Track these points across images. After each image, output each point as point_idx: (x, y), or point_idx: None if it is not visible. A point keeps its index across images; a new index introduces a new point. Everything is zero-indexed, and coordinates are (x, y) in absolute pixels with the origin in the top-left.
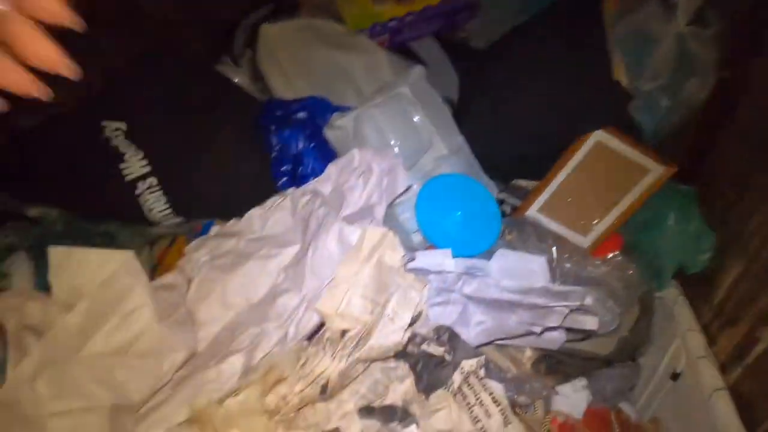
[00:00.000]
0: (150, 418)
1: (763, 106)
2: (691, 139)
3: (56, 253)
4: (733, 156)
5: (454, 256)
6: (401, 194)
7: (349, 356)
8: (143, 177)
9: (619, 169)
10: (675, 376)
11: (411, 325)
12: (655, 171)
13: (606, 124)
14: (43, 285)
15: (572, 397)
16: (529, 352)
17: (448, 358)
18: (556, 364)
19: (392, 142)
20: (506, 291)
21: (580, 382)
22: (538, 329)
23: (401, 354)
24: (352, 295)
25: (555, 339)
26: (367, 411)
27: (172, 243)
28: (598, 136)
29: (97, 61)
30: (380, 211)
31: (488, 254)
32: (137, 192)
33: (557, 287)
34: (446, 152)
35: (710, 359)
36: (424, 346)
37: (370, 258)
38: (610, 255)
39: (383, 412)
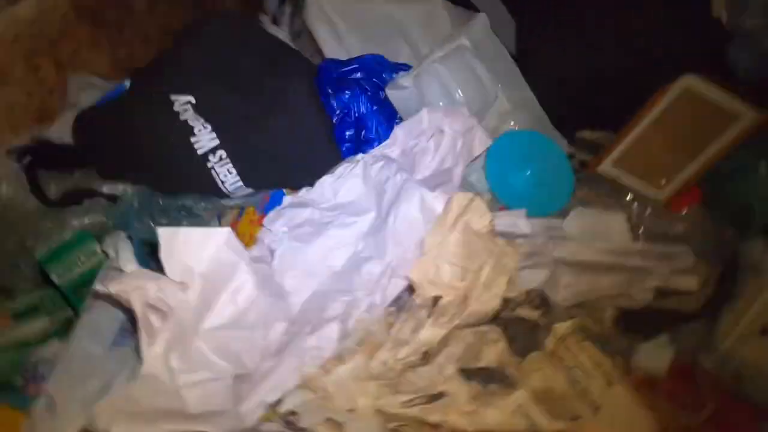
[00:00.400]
0: (265, 385)
1: None
2: None
3: (165, 233)
4: None
5: (529, 215)
6: (478, 156)
7: (448, 323)
8: (213, 150)
9: (706, 117)
10: (765, 332)
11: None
12: (746, 117)
13: (698, 68)
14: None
15: (654, 354)
16: (610, 310)
17: (541, 322)
18: (639, 322)
19: (458, 98)
20: (603, 253)
21: (663, 338)
22: (635, 292)
23: (493, 318)
24: (442, 262)
25: (640, 297)
26: (465, 372)
27: (241, 214)
28: (688, 81)
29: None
30: (458, 175)
31: (562, 213)
32: (209, 165)
33: (659, 247)
34: (512, 107)
35: None
36: (518, 311)
37: (457, 224)
38: (687, 208)
39: (480, 374)
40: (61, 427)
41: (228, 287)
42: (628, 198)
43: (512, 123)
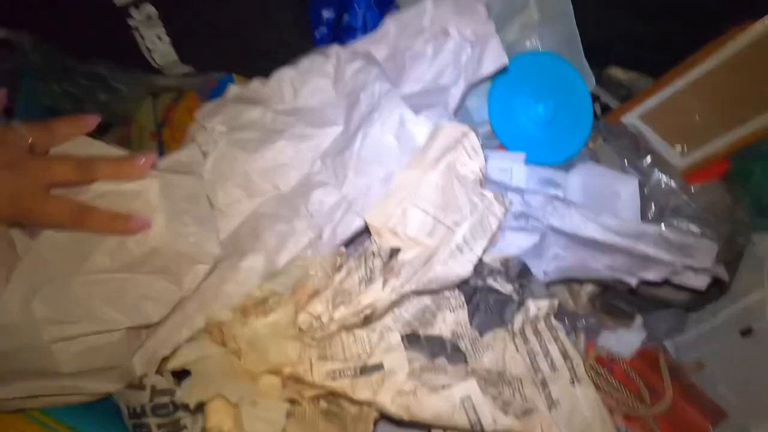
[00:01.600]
0: (164, 328)
1: None
2: None
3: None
4: None
5: (528, 162)
6: (486, 78)
7: (402, 287)
8: (137, 3)
9: None
10: (747, 333)
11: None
12: None
13: None
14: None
15: (625, 336)
16: (589, 287)
17: (515, 297)
18: (617, 303)
19: None
20: (610, 232)
21: (637, 321)
22: (633, 280)
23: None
24: (412, 207)
25: (634, 282)
26: (412, 339)
27: (178, 98)
28: None
29: None
30: (455, 97)
31: (567, 165)
32: (132, 24)
33: (677, 236)
34: (540, 18)
35: None
36: (490, 280)
37: (440, 162)
38: (705, 183)
39: (430, 343)
40: None
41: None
42: (647, 161)
43: (536, 41)
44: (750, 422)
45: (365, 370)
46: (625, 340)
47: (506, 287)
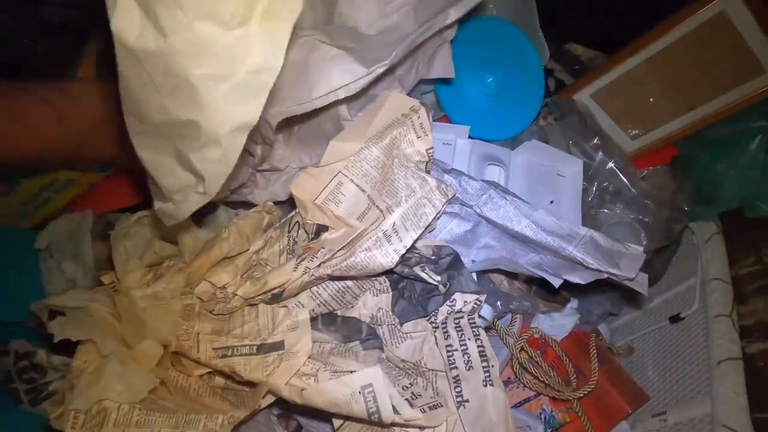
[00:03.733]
0: None
1: None
2: None
3: None
4: None
5: (472, 136)
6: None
7: (317, 270)
8: None
9: (729, 59)
10: (675, 319)
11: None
12: None
13: None
14: None
15: (559, 319)
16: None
17: (442, 289)
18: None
19: None
20: (542, 231)
21: (571, 305)
22: (558, 282)
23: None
24: (348, 181)
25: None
26: (327, 319)
27: None
28: (728, 4)
29: None
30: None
31: (515, 141)
32: None
33: (610, 243)
34: None
35: (733, 321)
36: (417, 269)
37: (384, 137)
38: (653, 168)
39: (345, 325)
40: None
41: None
42: (595, 142)
43: (491, 6)
44: (668, 406)
45: (263, 348)
46: (558, 323)
47: (434, 278)
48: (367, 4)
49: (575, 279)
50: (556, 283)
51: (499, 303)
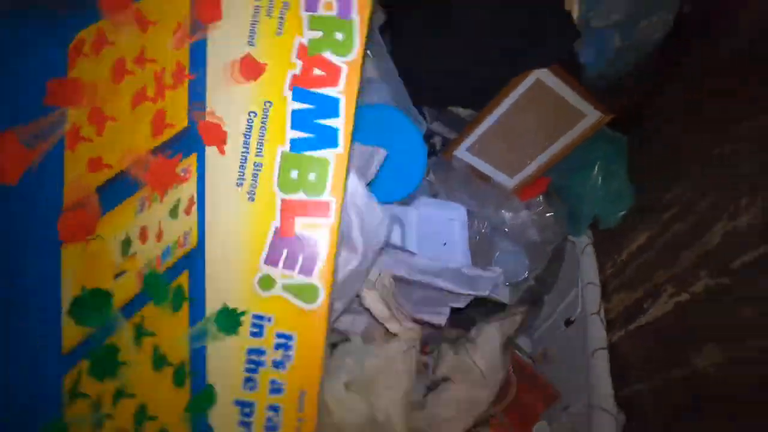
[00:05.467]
0: None
1: (711, 57)
2: (635, 87)
3: None
4: (671, 112)
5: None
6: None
7: None
8: None
9: (556, 110)
10: (568, 323)
11: None
12: (591, 116)
13: (550, 61)
14: None
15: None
16: None
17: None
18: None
19: None
20: (417, 272)
21: (492, 325)
22: (442, 320)
23: None
24: None
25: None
26: None
27: None
28: (540, 73)
29: None
30: None
31: (409, 199)
32: None
33: (471, 271)
34: (376, 75)
35: (601, 316)
36: None
37: None
38: (534, 198)
39: None
40: None
41: None
42: (475, 187)
43: (370, 93)
44: (570, 399)
45: None
46: (485, 344)
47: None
48: None
49: (456, 304)
50: (442, 321)
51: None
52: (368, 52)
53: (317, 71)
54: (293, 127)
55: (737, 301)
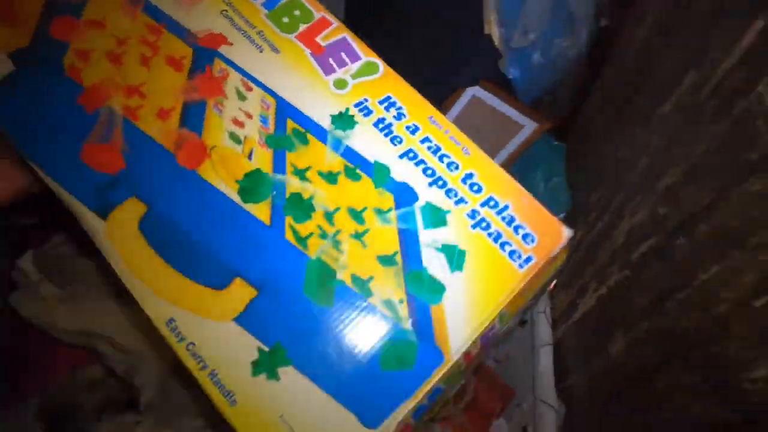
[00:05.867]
0: None
1: (623, 67)
2: (567, 97)
3: None
4: (598, 118)
5: None
6: None
7: None
8: None
9: (495, 124)
10: (522, 324)
11: None
12: (528, 127)
13: (476, 80)
14: None
15: None
16: None
17: None
18: None
19: None
20: None
21: None
22: None
23: None
24: None
25: None
26: None
27: None
28: (474, 90)
29: None
30: None
31: None
32: None
33: None
34: None
35: (547, 314)
36: None
37: None
38: None
39: None
40: None
41: None
42: None
43: None
44: (522, 397)
45: None
46: None
47: None
48: None
49: None
50: None
51: None
52: None
53: None
54: None
55: (634, 289)
